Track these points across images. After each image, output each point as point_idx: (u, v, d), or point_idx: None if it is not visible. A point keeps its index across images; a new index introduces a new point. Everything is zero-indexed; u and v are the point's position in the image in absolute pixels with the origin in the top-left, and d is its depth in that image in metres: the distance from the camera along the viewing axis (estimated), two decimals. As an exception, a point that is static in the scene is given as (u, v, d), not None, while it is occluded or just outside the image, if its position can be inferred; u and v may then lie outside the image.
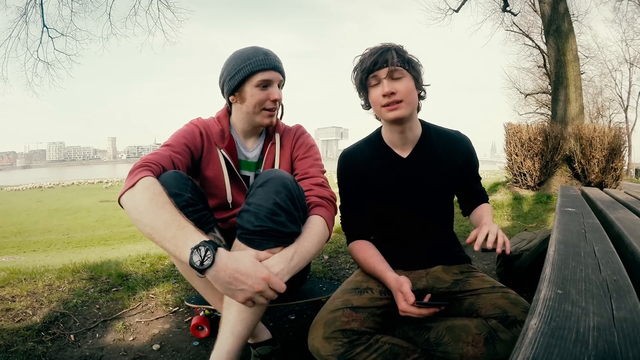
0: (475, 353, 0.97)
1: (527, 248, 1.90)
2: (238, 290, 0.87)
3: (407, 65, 1.11)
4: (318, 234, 1.04)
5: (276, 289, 0.89)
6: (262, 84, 1.18)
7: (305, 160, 1.26)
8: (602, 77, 21.70)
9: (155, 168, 1.02)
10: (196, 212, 1.00)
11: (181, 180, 1.00)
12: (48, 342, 1.39)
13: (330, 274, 2.15)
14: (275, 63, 1.19)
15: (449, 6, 11.16)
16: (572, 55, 6.81)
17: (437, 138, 1.23)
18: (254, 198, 0.97)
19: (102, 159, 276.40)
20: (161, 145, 1.18)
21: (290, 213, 0.97)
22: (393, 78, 1.10)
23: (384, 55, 1.09)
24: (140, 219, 0.91)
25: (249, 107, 1.20)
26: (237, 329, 0.98)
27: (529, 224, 3.84)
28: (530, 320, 0.52)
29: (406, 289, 1.04)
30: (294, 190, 0.99)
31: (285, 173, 1.02)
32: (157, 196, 0.92)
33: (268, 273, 0.88)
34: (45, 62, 12.02)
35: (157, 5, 11.73)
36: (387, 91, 1.09)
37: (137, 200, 0.92)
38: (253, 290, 0.86)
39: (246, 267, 0.87)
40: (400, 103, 1.10)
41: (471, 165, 1.26)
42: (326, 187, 1.19)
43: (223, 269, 0.86)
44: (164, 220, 0.89)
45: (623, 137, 5.77)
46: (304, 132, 1.34)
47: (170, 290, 1.83)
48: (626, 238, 0.98)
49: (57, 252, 7.80)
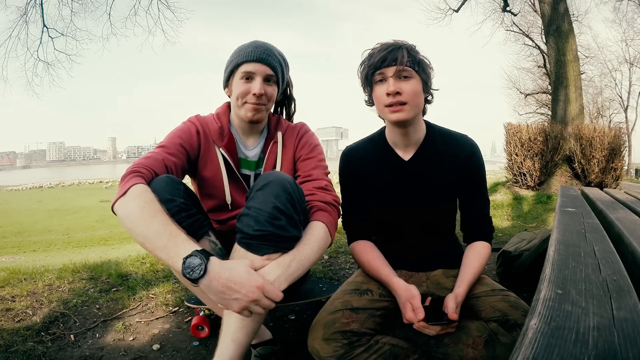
0: (475, 355, 0.97)
1: (527, 248, 1.90)
2: (232, 300, 0.84)
3: (417, 67, 1.07)
4: (318, 241, 1.01)
5: (272, 298, 0.86)
6: (245, 76, 1.15)
7: (309, 162, 1.22)
8: (602, 77, 21.73)
9: (147, 174, 1.00)
10: (189, 217, 0.98)
11: (173, 185, 0.99)
12: (48, 342, 1.39)
13: (330, 274, 2.15)
14: (263, 55, 1.15)
15: (449, 6, 11.18)
16: (572, 55, 6.82)
17: (441, 140, 1.19)
18: (253, 202, 0.95)
19: (102, 159, 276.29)
20: (156, 146, 1.15)
21: (291, 217, 0.94)
22: (400, 78, 1.06)
23: (394, 52, 1.06)
24: (132, 228, 0.89)
25: (233, 100, 1.19)
26: (237, 336, 0.97)
27: (529, 224, 3.84)
28: (530, 320, 0.52)
29: (417, 304, 1.02)
30: (294, 193, 0.97)
31: (285, 175, 1.00)
32: (148, 204, 0.90)
33: (262, 281, 0.86)
34: (45, 62, 12.05)
35: (157, 5, 11.75)
36: (392, 90, 1.05)
37: (129, 209, 0.91)
38: (247, 300, 0.84)
39: (239, 275, 0.85)
40: (404, 105, 1.07)
41: (474, 169, 1.20)
42: (330, 190, 1.16)
43: (216, 278, 0.84)
44: (155, 229, 0.87)
45: (623, 137, 5.78)
46: (308, 130, 1.30)
47: (170, 290, 1.83)
48: (626, 238, 0.98)
49: (57, 252, 7.80)
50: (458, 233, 1.29)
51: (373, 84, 1.12)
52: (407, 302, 1.03)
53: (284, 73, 1.22)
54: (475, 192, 1.22)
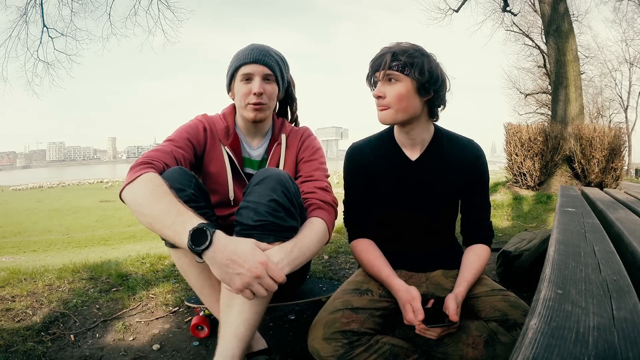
0: (475, 355, 0.97)
1: (527, 248, 1.90)
2: (235, 275, 0.84)
3: (406, 70, 1.07)
4: (318, 234, 1.04)
5: (274, 277, 0.87)
6: (245, 78, 1.19)
7: (311, 163, 1.26)
8: (602, 77, 21.73)
9: (158, 165, 1.02)
10: (198, 209, 0.99)
11: (185, 177, 1.01)
12: (48, 342, 1.39)
13: (330, 274, 2.15)
14: (259, 56, 1.19)
15: (449, 6, 11.17)
16: (572, 55, 6.82)
17: (448, 144, 1.20)
18: (251, 196, 0.98)
19: (102, 159, 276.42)
20: (164, 140, 1.18)
21: (288, 209, 0.98)
22: (390, 81, 1.09)
23: (383, 57, 1.09)
24: (140, 210, 0.91)
25: (237, 102, 1.24)
26: (240, 330, 0.95)
27: (529, 224, 3.84)
28: (530, 320, 0.52)
29: (417, 306, 1.02)
30: (291, 188, 1.00)
31: (280, 170, 1.03)
32: (158, 187, 0.93)
33: (266, 258, 0.87)
34: (45, 62, 12.05)
35: (157, 5, 11.76)
36: (375, 94, 1.11)
37: (137, 192, 0.93)
38: (251, 275, 0.84)
39: (244, 250, 0.86)
40: (387, 108, 1.10)
41: (479, 174, 1.20)
42: (329, 191, 1.19)
43: (221, 249, 0.85)
44: (164, 208, 0.89)
45: (623, 137, 5.78)
46: (311, 134, 1.34)
47: (170, 290, 1.83)
48: (626, 238, 0.98)
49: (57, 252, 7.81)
50: (457, 235, 1.29)
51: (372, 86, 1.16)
52: (408, 303, 1.03)
53: (282, 72, 1.26)
54: (477, 196, 1.22)
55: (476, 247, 1.20)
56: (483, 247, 1.20)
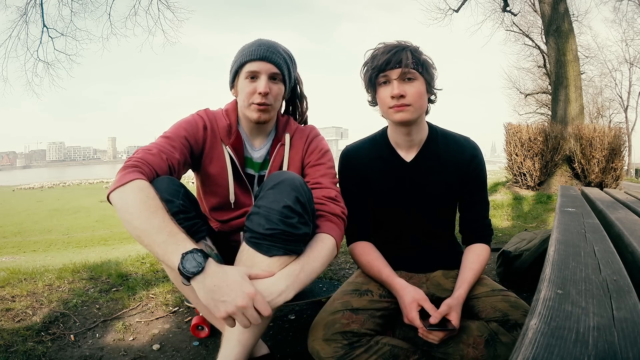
0: (476, 355, 0.97)
1: (527, 248, 1.90)
2: (220, 302, 0.82)
3: (420, 68, 1.07)
4: (327, 254, 1.00)
5: (261, 311, 0.83)
6: (250, 76, 1.12)
7: (318, 168, 1.19)
8: (602, 77, 21.75)
9: (148, 172, 0.98)
10: (187, 220, 0.97)
11: (173, 187, 0.98)
12: (48, 342, 1.39)
13: (330, 274, 2.15)
14: (267, 53, 1.11)
15: (449, 6, 11.19)
16: (572, 55, 6.82)
17: (444, 142, 1.19)
18: (264, 201, 0.93)
19: (102, 159, 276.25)
20: (160, 135, 1.12)
21: (302, 215, 0.93)
22: (404, 80, 1.06)
23: (398, 54, 1.05)
24: (130, 220, 0.88)
25: (240, 101, 1.17)
26: (244, 337, 0.94)
27: (529, 224, 3.84)
28: (530, 320, 0.52)
29: (429, 306, 1.02)
30: (305, 194, 0.96)
31: (295, 175, 0.99)
32: (150, 200, 0.89)
33: (255, 291, 0.84)
34: (45, 62, 12.07)
35: (157, 5, 11.77)
36: (397, 93, 1.05)
37: (129, 200, 0.89)
38: (235, 305, 0.81)
39: (234, 279, 0.84)
40: (408, 106, 1.07)
41: (476, 172, 1.19)
42: (339, 201, 1.13)
43: (210, 275, 0.83)
44: (156, 224, 0.86)
45: (623, 137, 5.78)
46: (318, 134, 1.26)
47: (170, 290, 1.83)
48: (626, 238, 0.98)
49: (57, 252, 7.81)
50: (457, 234, 1.29)
51: (377, 86, 1.11)
52: (415, 302, 1.03)
53: (290, 71, 1.18)
54: (475, 195, 1.21)
55: (476, 246, 1.20)
56: (482, 247, 1.19)
